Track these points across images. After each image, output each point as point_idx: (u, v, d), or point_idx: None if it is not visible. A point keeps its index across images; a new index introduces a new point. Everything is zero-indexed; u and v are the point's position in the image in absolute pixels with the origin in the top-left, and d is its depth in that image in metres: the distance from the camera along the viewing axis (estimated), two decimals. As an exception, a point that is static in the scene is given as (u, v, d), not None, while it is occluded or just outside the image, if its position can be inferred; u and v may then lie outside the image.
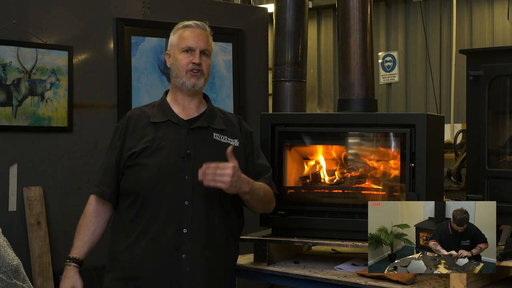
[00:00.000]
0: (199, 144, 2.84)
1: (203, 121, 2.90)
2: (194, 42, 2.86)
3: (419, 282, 2.88)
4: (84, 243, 2.85)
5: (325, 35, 9.95)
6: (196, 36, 2.88)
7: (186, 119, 2.89)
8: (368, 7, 3.59)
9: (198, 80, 2.87)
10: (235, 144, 2.91)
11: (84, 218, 2.89)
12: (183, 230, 2.75)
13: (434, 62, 8.74)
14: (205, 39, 2.89)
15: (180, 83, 2.87)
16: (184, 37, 2.88)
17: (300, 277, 3.08)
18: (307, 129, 3.41)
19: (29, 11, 4.00)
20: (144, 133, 2.85)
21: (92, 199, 2.92)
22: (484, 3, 8.50)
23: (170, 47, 2.93)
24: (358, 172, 3.41)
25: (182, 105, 2.91)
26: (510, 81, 3.07)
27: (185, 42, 2.86)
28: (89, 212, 2.89)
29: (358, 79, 3.56)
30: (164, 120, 2.87)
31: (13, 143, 3.91)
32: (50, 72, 4.01)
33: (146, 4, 4.42)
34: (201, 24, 2.91)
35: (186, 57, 2.85)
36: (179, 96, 2.92)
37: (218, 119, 2.95)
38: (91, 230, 2.87)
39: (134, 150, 2.81)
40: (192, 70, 2.84)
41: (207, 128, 2.89)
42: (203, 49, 2.87)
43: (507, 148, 3.12)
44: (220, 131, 2.92)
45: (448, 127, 8.04)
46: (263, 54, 4.91)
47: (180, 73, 2.86)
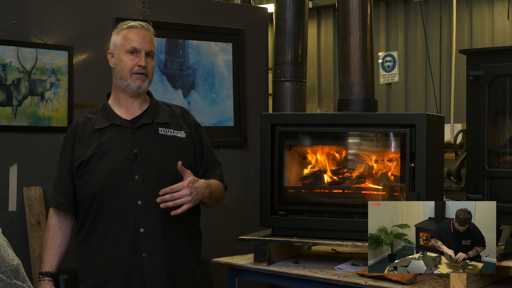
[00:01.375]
0: (145, 142, 2.84)
1: (146, 117, 2.89)
2: (139, 44, 2.85)
3: (419, 282, 2.88)
4: (53, 256, 2.89)
5: (325, 35, 9.95)
6: (141, 37, 2.87)
7: (130, 119, 2.88)
8: (368, 7, 3.59)
9: (143, 83, 2.86)
10: (181, 136, 2.91)
11: (48, 232, 2.92)
12: (139, 229, 2.77)
13: (434, 62, 8.73)
14: (150, 40, 2.89)
15: (124, 85, 2.86)
16: (129, 38, 2.86)
17: (300, 277, 3.08)
18: (307, 129, 3.41)
19: (29, 11, 3.99)
20: (90, 141, 2.85)
21: (52, 212, 2.94)
22: (484, 3, 8.50)
23: (114, 47, 2.91)
24: (358, 172, 3.42)
25: (125, 106, 2.91)
26: (510, 81, 3.07)
27: (130, 43, 2.85)
28: (52, 225, 2.92)
29: (358, 79, 3.56)
30: (107, 125, 2.86)
31: (13, 143, 3.91)
32: (50, 72, 4.01)
33: (146, 4, 4.41)
34: (145, 25, 2.91)
35: (131, 59, 2.84)
36: (122, 98, 2.91)
37: (162, 113, 2.94)
38: (58, 242, 2.90)
39: (82, 158, 2.82)
40: (137, 73, 2.83)
41: (151, 124, 2.88)
42: (148, 50, 2.87)
43: (507, 148, 3.12)
44: (164, 124, 2.90)
45: (448, 127, 8.04)
46: (263, 54, 4.90)
47: (124, 74, 2.85)
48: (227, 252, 3.62)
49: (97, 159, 2.81)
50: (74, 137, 2.89)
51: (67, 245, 2.93)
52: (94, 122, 2.89)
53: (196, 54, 4.54)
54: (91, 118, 2.92)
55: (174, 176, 2.78)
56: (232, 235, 3.58)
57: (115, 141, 2.83)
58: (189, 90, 4.53)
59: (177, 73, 4.47)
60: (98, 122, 2.88)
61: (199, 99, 4.56)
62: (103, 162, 2.80)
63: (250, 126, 4.73)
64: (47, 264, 2.89)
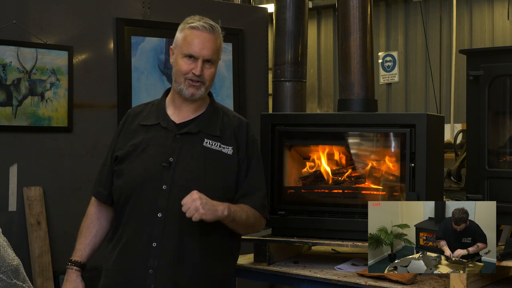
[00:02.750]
0: (184, 151, 2.63)
1: (195, 126, 2.68)
2: (198, 50, 2.62)
3: (419, 282, 2.88)
4: (86, 245, 2.75)
5: (325, 35, 9.95)
6: (202, 43, 2.62)
7: (178, 122, 2.69)
8: (368, 7, 3.59)
9: (198, 90, 2.65)
10: (227, 152, 2.68)
11: (86, 220, 2.80)
12: (152, 244, 2.57)
13: (434, 62, 8.74)
14: (211, 46, 2.64)
15: (178, 88, 2.66)
16: (189, 42, 2.63)
17: (300, 277, 3.08)
18: (307, 129, 3.41)
19: (29, 11, 4.00)
20: (133, 135, 2.70)
21: (93, 200, 2.82)
22: (484, 3, 8.50)
23: (175, 45, 2.69)
24: (358, 172, 3.41)
25: (179, 108, 2.71)
26: (510, 81, 3.07)
27: (188, 48, 2.62)
28: (91, 214, 2.80)
29: (358, 79, 3.56)
30: (154, 123, 2.69)
31: (13, 143, 3.91)
32: (50, 72, 4.01)
33: (146, 4, 4.42)
34: (208, 27, 2.65)
35: (187, 64, 2.63)
36: (177, 99, 2.72)
37: (214, 122, 2.72)
38: (93, 232, 2.77)
39: (118, 153, 2.69)
40: (191, 80, 2.63)
41: (197, 134, 2.67)
42: (208, 58, 2.63)
43: (507, 148, 3.12)
44: (213, 137, 2.68)
45: (448, 127, 8.05)
46: (263, 54, 4.91)
47: (178, 78, 2.65)
48: (227, 252, 3.61)
49: (133, 158, 2.65)
50: (123, 125, 2.76)
51: (103, 237, 2.78)
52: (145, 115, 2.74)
53: (196, 54, 4.54)
54: (145, 111, 2.76)
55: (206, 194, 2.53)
56: (232, 235, 3.58)
57: (155, 143, 2.65)
58: (189, 90, 4.53)
59: (177, 73, 4.47)
60: (147, 117, 2.71)
61: (199, 99, 4.56)
62: (137, 163, 2.63)
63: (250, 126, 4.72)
64: (78, 253, 2.74)
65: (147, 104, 2.82)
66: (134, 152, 2.66)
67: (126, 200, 2.64)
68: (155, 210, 2.59)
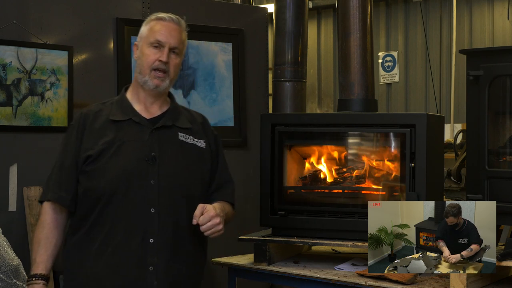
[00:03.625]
0: (164, 146, 2.62)
1: (167, 119, 2.67)
2: (164, 37, 2.62)
3: (419, 282, 2.88)
4: (48, 257, 2.59)
5: (325, 35, 9.94)
6: (168, 31, 2.64)
7: (149, 118, 2.66)
8: (368, 7, 3.60)
9: (162, 82, 2.63)
10: (201, 145, 2.71)
11: (43, 230, 2.60)
12: (149, 240, 2.53)
13: (434, 62, 8.73)
14: (177, 35, 2.66)
15: (142, 80, 2.63)
16: (155, 30, 2.64)
17: (300, 277, 3.08)
18: (307, 129, 3.41)
19: (29, 11, 3.99)
20: (102, 133, 2.60)
21: (48, 208, 2.62)
22: (484, 3, 8.50)
23: (140, 39, 2.69)
24: (358, 172, 3.42)
25: (144, 103, 2.68)
26: (510, 81, 3.07)
27: (154, 36, 2.63)
28: (48, 223, 2.60)
29: (358, 79, 3.56)
30: (125, 119, 2.62)
31: (13, 143, 3.91)
32: (50, 72, 4.01)
33: (146, 4, 4.41)
34: (175, 18, 2.69)
35: (153, 53, 2.62)
36: (141, 94, 2.68)
37: (183, 117, 2.73)
38: (53, 243, 2.60)
39: (89, 152, 2.57)
40: (157, 70, 2.61)
41: (171, 127, 2.67)
42: (173, 46, 2.64)
43: (507, 148, 3.13)
44: (185, 130, 2.69)
45: (448, 127, 8.04)
46: (263, 54, 4.90)
47: (144, 70, 2.63)
48: (227, 252, 3.62)
49: (109, 156, 2.56)
50: (83, 126, 2.62)
51: (60, 246, 2.65)
52: (108, 113, 2.65)
53: (196, 54, 4.54)
54: (105, 109, 2.67)
55: (189, 187, 2.63)
56: (232, 235, 3.58)
57: (132, 139, 2.59)
58: (189, 90, 4.53)
59: (177, 73, 4.47)
60: (114, 113, 2.64)
61: (199, 99, 4.56)
62: (115, 161, 2.55)
63: (250, 126, 4.72)
64: (41, 266, 2.57)
65: (104, 103, 2.73)
66: (109, 149, 2.57)
67: (109, 199, 2.54)
68: (147, 206, 2.55)
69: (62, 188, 2.60)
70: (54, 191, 2.61)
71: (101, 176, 2.55)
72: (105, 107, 2.69)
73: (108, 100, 2.76)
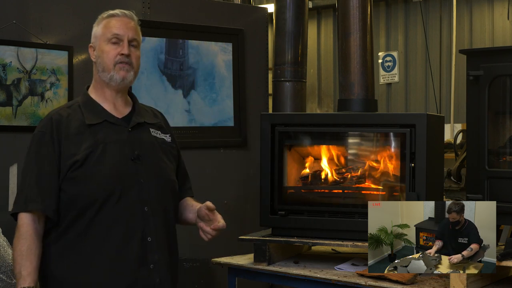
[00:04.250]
0: (143, 143, 2.64)
1: (138, 117, 2.68)
2: (121, 31, 2.62)
3: (419, 282, 2.88)
4: (33, 269, 2.49)
5: (325, 35, 9.94)
6: (124, 24, 2.64)
7: (120, 117, 2.65)
8: (368, 7, 3.60)
9: (128, 73, 2.62)
10: (168, 140, 2.75)
11: (26, 242, 2.51)
12: (147, 238, 2.55)
13: (434, 62, 8.73)
14: (133, 28, 2.66)
15: (108, 77, 2.61)
16: (110, 26, 2.63)
17: (300, 277, 3.08)
18: (307, 129, 3.41)
19: (29, 11, 3.99)
20: (81, 138, 2.55)
21: (26, 219, 2.54)
22: (484, 3, 8.49)
23: (94, 39, 2.68)
24: (358, 172, 3.42)
25: (112, 103, 2.66)
26: (510, 81, 3.07)
27: (111, 31, 2.62)
28: (30, 234, 2.52)
29: (358, 79, 3.57)
30: (100, 121, 2.60)
31: (13, 143, 3.91)
32: (50, 72, 4.01)
33: (146, 4, 4.41)
34: (128, 13, 2.70)
35: (113, 49, 2.61)
36: (107, 93, 2.65)
37: (147, 113, 2.75)
38: (37, 254, 2.52)
39: (75, 158, 2.51)
40: (120, 62, 2.60)
41: (143, 124, 2.68)
42: (131, 38, 2.63)
43: (507, 148, 3.13)
44: (153, 125, 2.72)
45: (448, 127, 8.04)
46: (263, 54, 4.90)
47: (107, 66, 2.60)
48: (227, 252, 3.62)
49: (95, 159, 2.52)
50: (58, 131, 2.55)
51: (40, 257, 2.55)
52: (80, 117, 2.60)
53: (196, 54, 4.54)
54: (74, 113, 2.62)
55: (172, 182, 2.69)
56: (232, 235, 3.58)
57: (112, 140, 2.57)
58: (189, 90, 4.53)
59: (177, 73, 4.47)
60: (88, 117, 2.59)
61: (199, 99, 4.56)
62: (103, 164, 2.52)
63: (250, 126, 4.72)
64: (28, 279, 2.47)
65: (69, 107, 2.68)
66: (93, 153, 2.53)
67: (103, 201, 2.50)
68: (140, 205, 2.56)
69: (45, 197, 2.52)
70: (35, 200, 2.53)
71: (91, 181, 2.51)
72: (73, 111, 2.63)
73: (70, 103, 2.72)
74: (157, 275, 2.57)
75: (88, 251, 2.51)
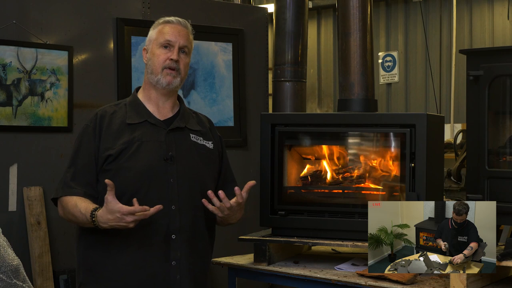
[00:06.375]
0: (180, 146, 2.75)
1: (180, 121, 2.80)
2: (173, 37, 2.76)
3: (419, 282, 2.88)
4: (89, 203, 2.62)
5: (325, 35, 9.94)
6: (177, 31, 2.77)
7: (162, 119, 2.78)
8: (368, 7, 3.59)
9: (174, 79, 2.75)
10: (209, 147, 2.86)
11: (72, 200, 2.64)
12: (171, 236, 2.67)
13: (434, 62, 8.73)
14: (185, 36, 2.79)
15: (155, 80, 2.75)
16: (164, 32, 2.77)
17: (300, 277, 3.08)
18: (307, 129, 3.41)
19: (29, 11, 4.00)
20: (119, 134, 2.70)
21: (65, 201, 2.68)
22: (484, 3, 8.49)
23: (149, 42, 2.81)
24: (358, 172, 3.42)
25: (156, 104, 2.80)
26: (510, 81, 3.07)
27: (163, 37, 2.76)
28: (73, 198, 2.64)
29: (358, 79, 3.56)
30: (140, 121, 2.74)
31: (13, 143, 3.91)
32: (50, 72, 4.01)
33: (146, 4, 4.41)
34: (182, 21, 2.82)
35: (164, 53, 2.75)
36: (153, 95, 2.80)
37: (192, 119, 2.87)
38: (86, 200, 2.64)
39: (110, 152, 2.66)
40: (168, 68, 2.74)
41: (184, 129, 2.80)
42: (182, 45, 2.77)
43: (507, 148, 3.13)
44: (195, 132, 2.83)
45: (448, 127, 8.04)
46: (263, 54, 4.91)
47: (155, 69, 2.75)
48: (227, 252, 3.62)
49: (129, 155, 2.66)
50: (100, 126, 2.71)
51: None
52: (124, 115, 2.75)
53: (196, 54, 4.54)
54: (119, 111, 2.77)
55: (204, 184, 2.75)
56: (232, 235, 3.58)
57: (149, 139, 2.71)
58: (189, 90, 4.54)
59: (177, 73, 4.47)
60: (130, 116, 2.74)
61: (199, 99, 4.56)
62: (136, 160, 2.66)
63: (250, 126, 4.72)
64: (91, 206, 2.59)
65: (116, 104, 2.83)
66: (128, 149, 2.67)
67: (132, 195, 2.60)
68: (168, 203, 2.66)
69: (84, 185, 2.67)
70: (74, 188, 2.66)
71: (122, 175, 2.64)
72: (119, 109, 2.79)
73: (120, 101, 2.87)
74: (178, 272, 2.68)
75: (115, 242, 2.64)
